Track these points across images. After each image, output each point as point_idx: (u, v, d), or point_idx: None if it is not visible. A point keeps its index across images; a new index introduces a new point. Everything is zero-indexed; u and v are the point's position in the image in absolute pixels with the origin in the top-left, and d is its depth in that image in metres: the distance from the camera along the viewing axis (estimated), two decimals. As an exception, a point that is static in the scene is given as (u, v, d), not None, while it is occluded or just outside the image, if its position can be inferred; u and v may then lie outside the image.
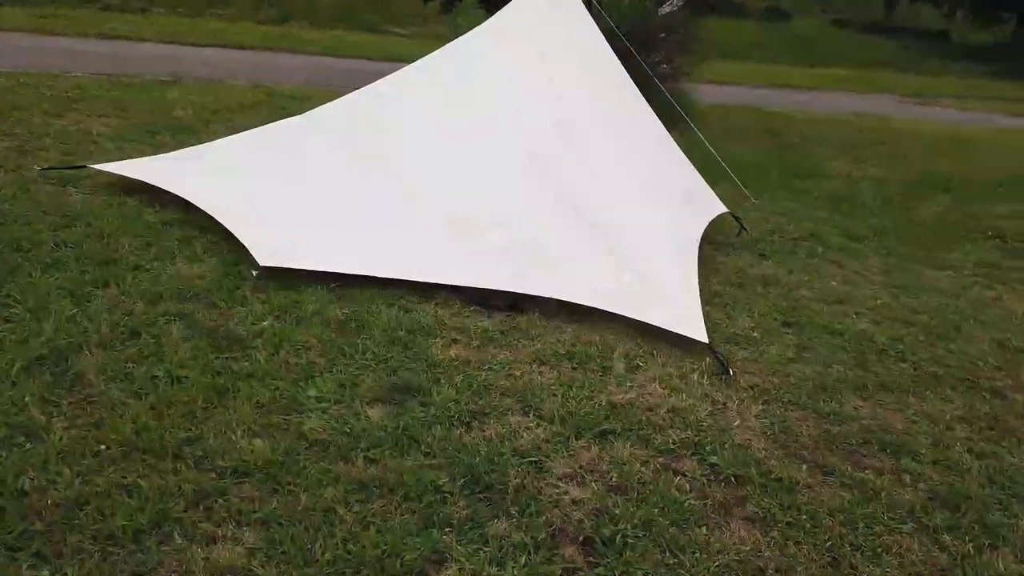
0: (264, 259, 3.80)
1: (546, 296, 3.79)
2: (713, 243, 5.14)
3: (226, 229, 4.16)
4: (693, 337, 3.55)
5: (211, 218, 4.28)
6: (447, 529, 2.31)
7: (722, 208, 5.38)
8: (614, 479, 2.61)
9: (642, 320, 3.65)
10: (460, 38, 5.84)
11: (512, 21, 5.61)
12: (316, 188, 4.51)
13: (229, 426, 2.66)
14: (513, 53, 5.33)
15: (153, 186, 4.74)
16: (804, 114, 13.98)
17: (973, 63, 32.00)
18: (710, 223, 4.99)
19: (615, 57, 5.51)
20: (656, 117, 5.36)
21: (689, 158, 5.38)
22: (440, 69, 5.42)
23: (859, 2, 35.47)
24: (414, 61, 5.53)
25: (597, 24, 5.63)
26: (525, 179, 4.45)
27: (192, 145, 6.37)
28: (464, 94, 5.16)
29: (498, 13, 5.78)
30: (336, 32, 18.48)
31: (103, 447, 2.48)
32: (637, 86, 5.42)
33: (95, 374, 2.86)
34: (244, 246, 3.96)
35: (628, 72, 5.45)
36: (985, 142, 12.69)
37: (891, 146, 11.28)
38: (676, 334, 3.60)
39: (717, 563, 2.29)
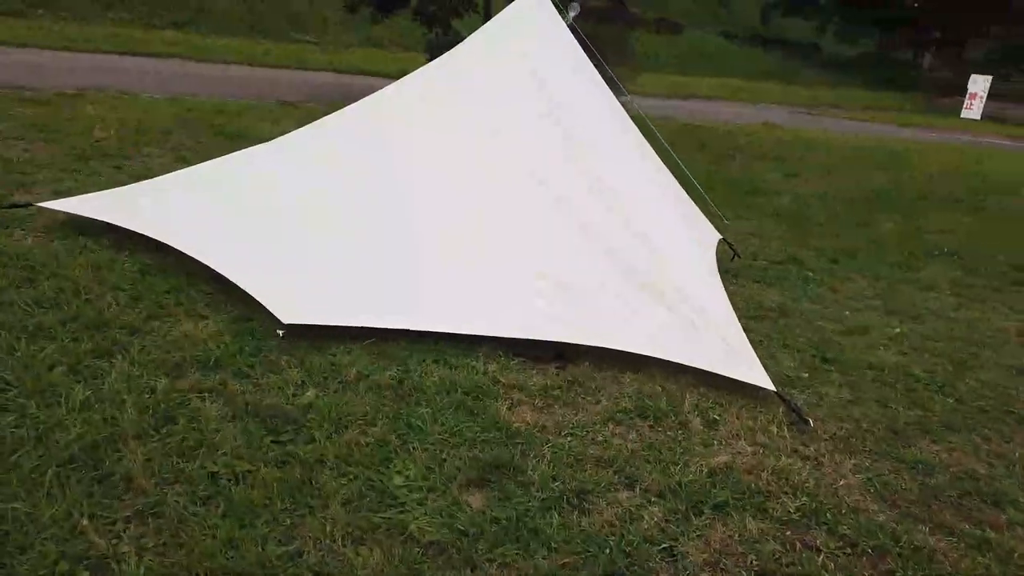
0: (287, 316, 3.41)
1: (597, 345, 3.56)
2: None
3: (215, 276, 3.74)
4: (760, 385, 3.41)
5: (196, 263, 3.83)
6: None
7: (716, 233, 5.32)
8: (754, 563, 2.42)
9: (705, 369, 3.48)
10: (443, 56, 5.52)
11: (498, 36, 5.35)
12: (315, 228, 4.12)
13: (326, 532, 2.30)
14: (505, 72, 5.07)
15: (116, 227, 4.21)
16: (722, 126, 14.32)
17: (845, 74, 34.01)
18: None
19: (596, 73, 5.33)
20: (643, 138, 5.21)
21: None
22: (428, 89, 5.09)
23: (740, 15, 37.01)
24: (327, 70, 5.22)
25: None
26: (546, 214, 4.21)
27: (128, 171, 5.86)
28: (460, 117, 4.85)
29: (481, 28, 5.50)
30: (243, 40, 17.59)
31: None
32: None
33: (144, 476, 2.43)
34: (247, 295, 3.58)
35: None
36: (895, 153, 13.34)
37: (814, 158, 11.68)
38: (737, 380, 3.46)
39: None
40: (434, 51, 10.84)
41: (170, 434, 2.67)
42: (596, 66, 5.19)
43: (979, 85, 25.04)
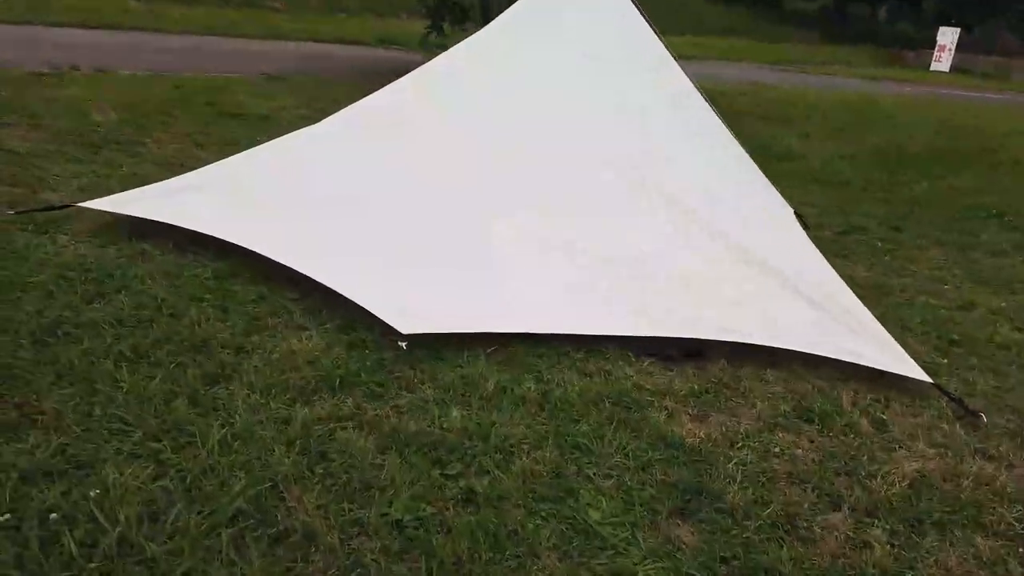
0: (405, 326, 3.08)
1: (734, 340, 3.31)
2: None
3: (294, 278, 3.41)
4: (915, 377, 3.20)
5: (270, 265, 3.49)
6: None
7: (788, 206, 5.09)
8: (1003, 588, 2.22)
9: (852, 362, 3.26)
10: (482, 32, 5.17)
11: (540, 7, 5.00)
12: (400, 225, 3.79)
13: (551, 587, 2.03)
14: (555, 47, 4.74)
15: (168, 228, 3.83)
16: (713, 87, 14.05)
17: (806, 29, 33.98)
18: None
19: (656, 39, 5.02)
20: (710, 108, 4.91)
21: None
22: (476, 68, 4.74)
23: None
24: (301, 39, 4.90)
25: None
26: (639, 202, 3.93)
27: (149, 160, 5.42)
28: (517, 99, 4.52)
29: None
30: (205, 8, 16.70)
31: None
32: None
33: (325, 530, 2.12)
34: (335, 300, 3.29)
35: None
36: (889, 110, 13.26)
37: (818, 118, 11.51)
38: (884, 370, 3.25)
39: None
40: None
41: (329, 474, 2.36)
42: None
43: (948, 37, 25.20)
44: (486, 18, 11.23)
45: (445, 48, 5.39)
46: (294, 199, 4.03)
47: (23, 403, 2.52)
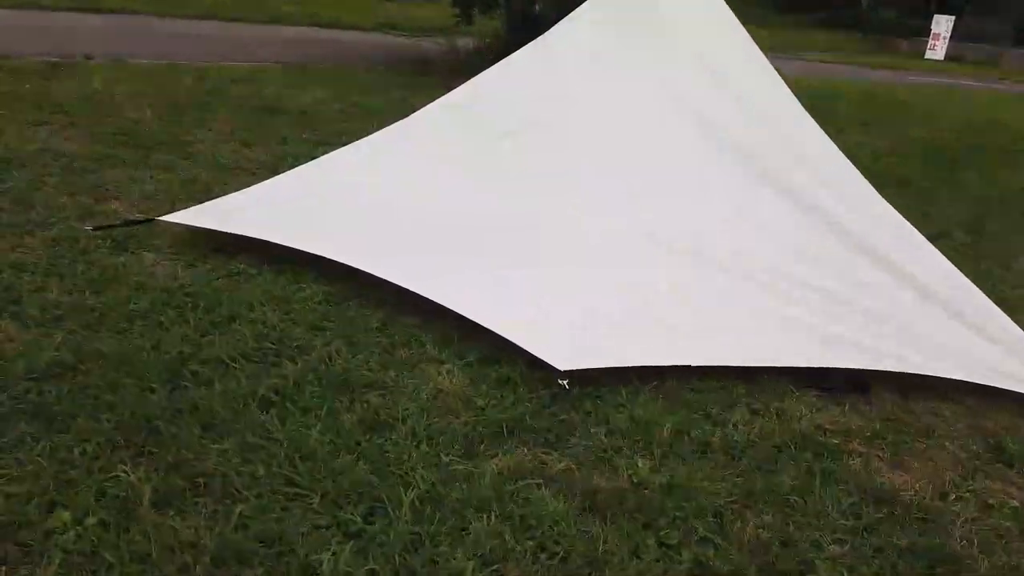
0: (563, 362, 2.82)
1: (914, 372, 3.08)
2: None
3: (409, 299, 3.15)
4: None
5: (389, 285, 3.22)
6: None
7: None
8: None
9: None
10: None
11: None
12: (518, 244, 3.52)
13: None
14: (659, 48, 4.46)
15: (251, 242, 3.54)
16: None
17: (793, 15, 33.84)
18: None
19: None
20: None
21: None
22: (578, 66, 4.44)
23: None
24: (296, 23, 4.60)
25: None
26: (784, 216, 3.67)
27: (202, 163, 5.08)
28: (621, 99, 4.25)
29: None
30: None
31: None
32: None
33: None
34: (465, 326, 3.03)
35: None
36: (911, 100, 13.13)
37: (843, 109, 11.31)
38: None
39: None
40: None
41: (542, 548, 2.10)
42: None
43: (942, 26, 25.16)
44: (508, 8, 10.94)
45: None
46: (389, 214, 3.75)
47: (178, 462, 2.22)
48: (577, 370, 2.81)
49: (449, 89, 4.56)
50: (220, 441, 2.35)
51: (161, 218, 3.73)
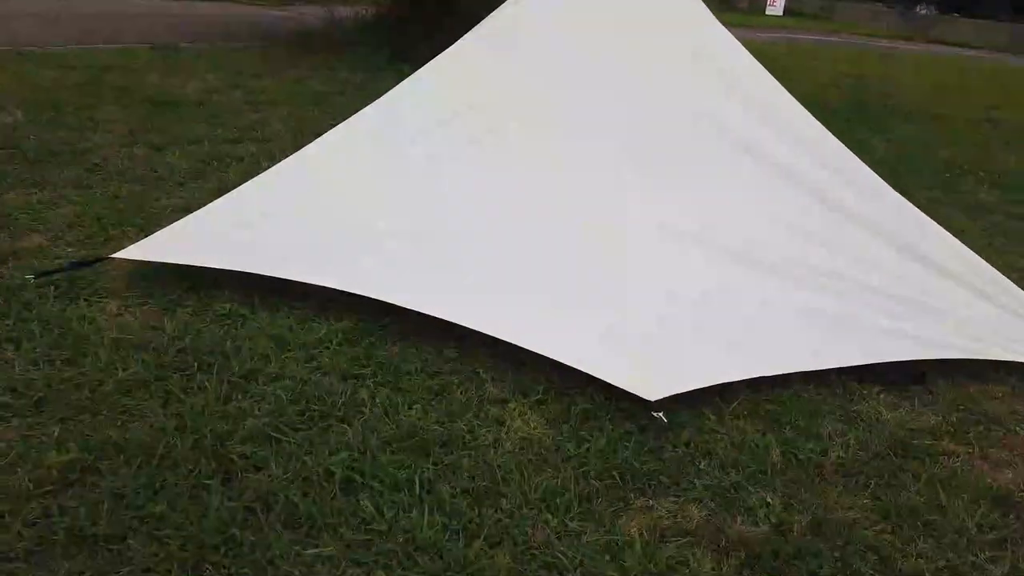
0: (651, 392, 2.57)
1: (968, 358, 3.05)
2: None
3: (446, 327, 2.81)
4: None
5: (416, 316, 2.87)
6: None
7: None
8: None
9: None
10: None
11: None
12: (548, 254, 3.21)
13: None
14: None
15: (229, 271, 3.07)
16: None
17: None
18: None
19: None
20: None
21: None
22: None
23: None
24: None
25: None
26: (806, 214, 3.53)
27: (114, 176, 4.48)
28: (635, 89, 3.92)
29: None
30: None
31: None
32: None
33: None
34: (509, 347, 2.75)
35: None
36: (776, 57, 13.57)
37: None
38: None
39: None
40: None
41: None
42: None
43: (780, -19, 26.38)
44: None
45: None
46: (389, 228, 3.32)
47: (280, 583, 1.81)
48: (665, 398, 2.56)
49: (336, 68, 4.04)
50: (315, 542, 1.94)
51: (116, 255, 3.14)
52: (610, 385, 2.59)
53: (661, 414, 2.52)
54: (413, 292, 2.91)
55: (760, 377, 2.80)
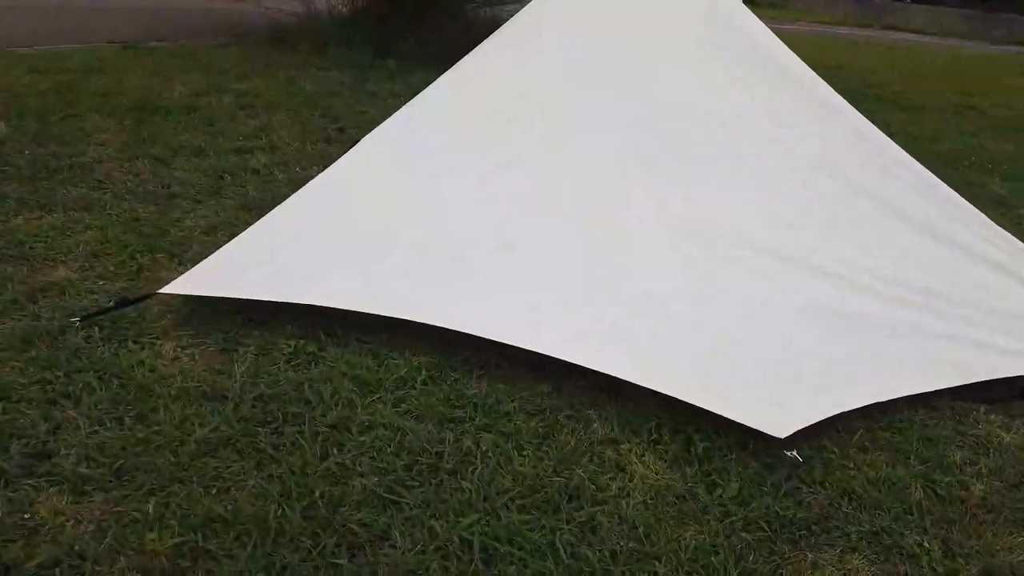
0: (778, 429, 2.40)
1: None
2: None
3: (519, 353, 2.62)
4: None
5: (506, 348, 2.68)
6: None
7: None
8: None
9: None
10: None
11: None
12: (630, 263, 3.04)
13: None
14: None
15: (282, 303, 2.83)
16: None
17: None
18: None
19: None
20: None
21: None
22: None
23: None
24: None
25: None
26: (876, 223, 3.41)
27: (123, 193, 4.19)
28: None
29: None
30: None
31: None
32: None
33: None
34: (612, 379, 2.55)
35: None
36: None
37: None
38: None
39: None
40: None
41: None
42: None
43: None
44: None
45: None
46: (456, 249, 3.10)
47: None
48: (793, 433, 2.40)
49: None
50: (470, 631, 1.72)
51: (165, 290, 2.85)
52: (716, 415, 2.41)
53: (795, 452, 2.35)
54: (509, 326, 2.69)
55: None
